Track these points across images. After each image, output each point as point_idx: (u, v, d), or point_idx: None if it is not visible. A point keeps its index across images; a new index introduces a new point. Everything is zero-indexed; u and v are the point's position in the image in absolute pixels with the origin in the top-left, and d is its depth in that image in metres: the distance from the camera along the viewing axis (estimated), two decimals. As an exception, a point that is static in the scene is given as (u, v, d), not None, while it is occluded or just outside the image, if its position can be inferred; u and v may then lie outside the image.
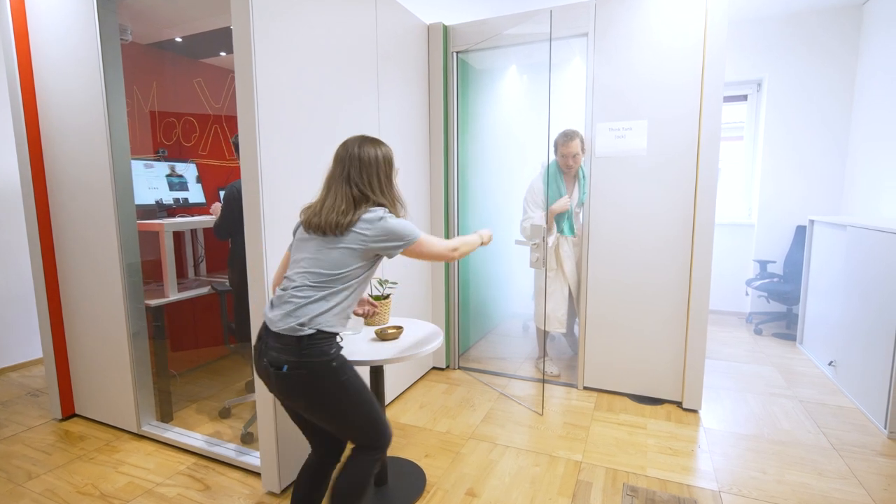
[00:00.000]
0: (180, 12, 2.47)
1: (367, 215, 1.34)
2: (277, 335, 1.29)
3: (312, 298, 1.30)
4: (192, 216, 2.73)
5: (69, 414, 2.50)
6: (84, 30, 2.10)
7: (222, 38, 2.82)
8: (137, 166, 2.66)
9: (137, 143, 2.91)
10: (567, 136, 2.73)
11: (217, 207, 2.53)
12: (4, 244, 3.14)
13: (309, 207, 1.41)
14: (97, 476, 2.01)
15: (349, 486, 1.38)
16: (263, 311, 1.38)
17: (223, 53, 3.11)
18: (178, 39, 2.82)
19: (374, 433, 1.40)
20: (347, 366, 1.36)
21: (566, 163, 2.76)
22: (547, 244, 2.49)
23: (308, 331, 1.28)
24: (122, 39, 2.56)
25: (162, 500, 1.84)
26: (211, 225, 2.56)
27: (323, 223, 1.32)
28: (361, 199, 1.36)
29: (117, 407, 2.35)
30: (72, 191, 2.30)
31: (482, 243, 1.70)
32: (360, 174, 1.37)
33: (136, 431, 2.32)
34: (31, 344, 3.26)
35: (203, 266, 3.09)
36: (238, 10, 1.61)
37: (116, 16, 2.15)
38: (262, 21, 1.64)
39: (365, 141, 1.41)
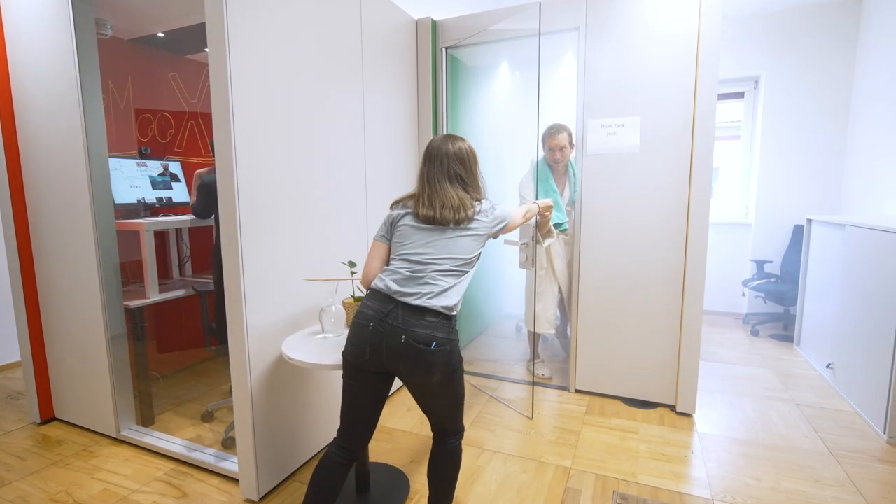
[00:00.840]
0: (161, 7, 2.41)
1: (482, 207, 1.51)
2: (422, 310, 1.36)
3: (454, 284, 1.43)
4: (177, 215, 2.67)
5: (48, 418, 2.44)
6: (59, 23, 2.04)
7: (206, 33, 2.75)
8: (129, 165, 2.60)
9: (113, 139, 2.84)
10: (553, 130, 2.68)
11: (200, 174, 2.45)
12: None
13: (411, 199, 1.51)
14: (71, 482, 1.95)
15: (453, 468, 1.53)
16: (385, 287, 1.41)
17: (207, 50, 3.04)
18: (161, 35, 2.76)
19: (462, 416, 1.54)
20: None
21: (553, 157, 2.70)
22: (534, 244, 2.43)
23: (454, 312, 1.41)
24: (101, 34, 2.50)
25: (136, 509, 1.79)
26: (193, 224, 2.50)
27: (448, 217, 1.43)
28: (466, 191, 1.51)
29: (96, 411, 2.29)
30: (49, 189, 2.23)
31: (538, 211, 1.98)
32: (461, 167, 1.51)
33: (114, 436, 2.26)
34: (12, 346, 3.19)
35: (189, 266, 3.04)
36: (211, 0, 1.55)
37: (93, 9, 2.09)
38: (236, 13, 1.59)
39: (455, 139, 1.55)
